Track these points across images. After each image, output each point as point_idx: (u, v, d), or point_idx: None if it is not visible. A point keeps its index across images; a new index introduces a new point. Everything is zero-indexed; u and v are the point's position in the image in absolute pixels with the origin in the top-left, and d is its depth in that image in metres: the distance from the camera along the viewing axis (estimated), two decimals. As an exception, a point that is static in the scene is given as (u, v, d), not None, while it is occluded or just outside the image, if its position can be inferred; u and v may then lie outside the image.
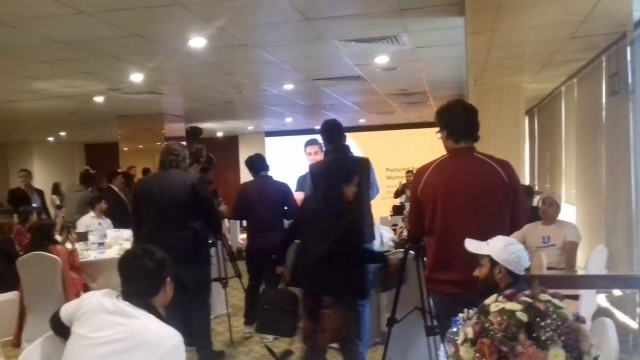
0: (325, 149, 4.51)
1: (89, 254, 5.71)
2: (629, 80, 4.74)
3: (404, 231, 5.23)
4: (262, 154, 5.63)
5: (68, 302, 2.32)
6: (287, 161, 12.61)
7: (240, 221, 8.38)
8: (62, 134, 13.90)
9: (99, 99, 8.16)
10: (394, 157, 14.59)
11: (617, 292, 4.97)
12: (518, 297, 1.76)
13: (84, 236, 6.07)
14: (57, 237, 5.49)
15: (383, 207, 10.81)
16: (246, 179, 5.95)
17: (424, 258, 3.19)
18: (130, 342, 1.97)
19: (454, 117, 2.94)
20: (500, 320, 1.68)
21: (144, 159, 10.45)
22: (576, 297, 4.22)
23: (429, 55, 6.11)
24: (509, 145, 7.39)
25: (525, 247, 2.52)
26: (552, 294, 1.78)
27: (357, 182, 3.57)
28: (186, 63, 6.04)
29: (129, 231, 6.33)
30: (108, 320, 2.02)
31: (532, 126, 10.77)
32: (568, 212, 6.73)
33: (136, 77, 6.60)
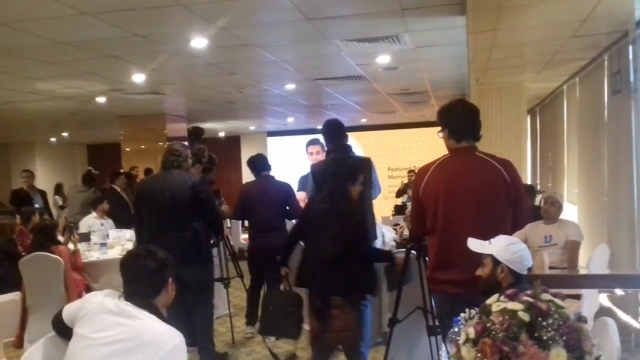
0: (327, 148, 4.52)
1: (91, 255, 5.72)
2: (631, 79, 4.73)
3: (405, 230, 5.22)
4: (263, 154, 5.63)
5: (70, 302, 2.32)
6: (289, 161, 12.62)
7: (242, 221, 8.38)
8: (65, 134, 13.92)
9: (101, 99, 8.17)
10: (395, 157, 14.58)
11: (619, 291, 4.96)
12: (520, 297, 1.76)
13: (86, 237, 6.08)
14: (60, 238, 5.50)
15: (385, 206, 10.80)
16: (248, 179, 5.95)
17: (426, 258, 3.19)
18: (132, 342, 1.97)
19: (456, 116, 2.94)
20: (501, 320, 1.68)
21: (146, 160, 10.47)
22: (578, 296, 4.22)
23: (430, 54, 6.11)
24: (510, 145, 7.38)
25: (527, 246, 2.52)
26: (554, 294, 1.78)
27: (363, 181, 3.59)
28: (188, 63, 6.04)
29: (131, 231, 6.34)
30: (110, 320, 2.03)
31: (534, 125, 10.75)
32: (570, 212, 6.72)
33: (138, 78, 6.61)
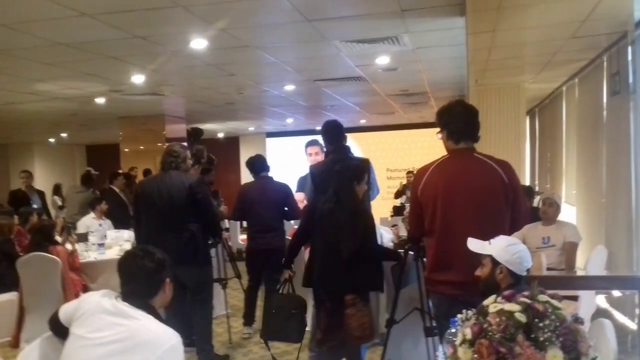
0: (325, 149, 4.52)
1: (89, 255, 5.72)
2: (630, 80, 4.73)
3: (401, 231, 5.22)
4: (262, 155, 5.63)
5: (67, 302, 2.32)
6: (288, 162, 12.62)
7: (241, 222, 8.38)
8: (64, 135, 13.91)
9: (100, 100, 8.17)
10: (394, 158, 14.58)
11: (617, 293, 4.96)
12: (517, 298, 1.76)
13: (84, 237, 6.07)
14: (58, 238, 5.50)
15: (383, 207, 10.81)
16: (247, 180, 5.95)
17: (424, 259, 3.19)
18: (129, 342, 1.96)
19: (454, 117, 2.94)
20: (498, 321, 1.68)
21: (145, 160, 10.47)
22: (575, 298, 4.22)
23: (430, 55, 6.11)
24: (509, 146, 7.38)
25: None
26: (551, 295, 1.78)
27: (367, 180, 3.64)
28: (187, 64, 6.04)
29: (129, 232, 6.34)
30: (107, 320, 2.02)
31: (533, 126, 10.75)
32: (568, 213, 6.72)
33: (138, 79, 6.61)
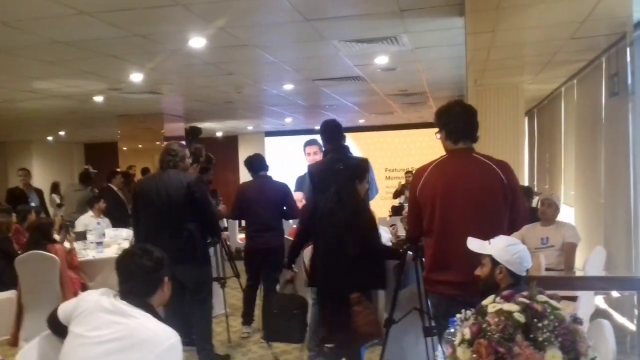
0: (324, 149, 4.52)
1: (87, 253, 5.71)
2: (629, 81, 4.74)
3: (399, 230, 5.22)
4: (261, 154, 5.63)
5: (66, 301, 2.32)
6: (286, 161, 12.62)
7: (239, 221, 8.38)
8: (62, 133, 13.89)
9: (98, 98, 8.16)
10: (393, 158, 14.59)
11: (616, 293, 4.97)
12: (516, 298, 1.76)
13: (82, 235, 6.07)
14: (56, 236, 5.49)
15: (382, 207, 10.81)
16: (245, 179, 5.94)
17: (422, 259, 3.19)
18: (127, 341, 1.96)
19: (453, 117, 2.94)
20: (497, 321, 1.68)
21: (143, 159, 10.46)
22: (574, 298, 4.23)
23: (428, 55, 6.11)
24: (508, 146, 7.38)
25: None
26: (550, 295, 1.78)
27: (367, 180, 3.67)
28: (186, 63, 6.03)
29: (127, 230, 6.33)
30: (105, 319, 2.02)
31: (532, 127, 10.76)
32: (567, 213, 6.72)
33: (136, 77, 6.60)
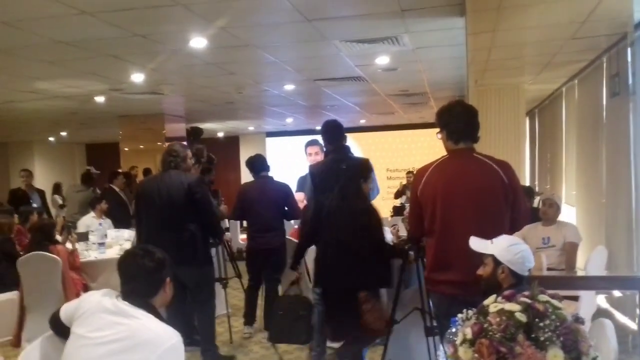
0: (325, 149, 4.53)
1: (89, 254, 5.72)
2: (630, 81, 4.74)
3: (400, 230, 5.22)
4: (262, 155, 5.64)
5: (68, 302, 2.32)
6: (287, 162, 12.61)
7: (241, 221, 8.38)
8: (63, 133, 13.90)
9: (100, 99, 8.17)
10: (394, 158, 14.59)
11: (617, 293, 4.97)
12: (517, 298, 1.76)
13: (84, 236, 6.07)
14: (58, 237, 5.50)
15: (383, 207, 10.77)
16: (247, 180, 5.95)
17: (424, 259, 3.19)
18: (129, 342, 1.97)
19: (454, 117, 2.94)
20: (499, 321, 1.68)
21: (144, 159, 10.46)
22: (576, 298, 4.23)
23: (429, 56, 6.11)
24: (509, 146, 7.38)
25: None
26: (552, 295, 1.78)
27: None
28: (187, 63, 6.04)
29: (129, 231, 6.34)
30: (107, 320, 2.03)
31: (533, 127, 10.76)
32: (568, 213, 6.72)
33: (137, 78, 6.61)
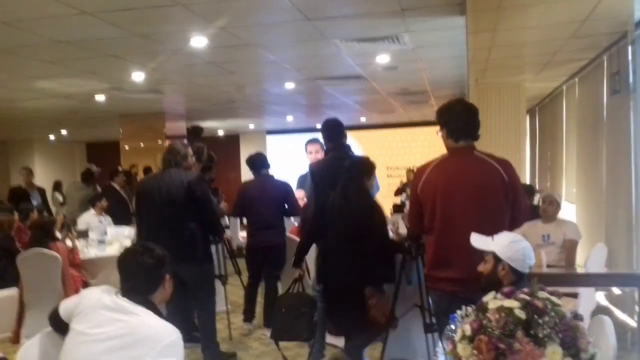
0: (325, 147, 4.53)
1: (89, 251, 5.73)
2: (630, 79, 4.74)
3: (400, 228, 5.22)
4: (263, 153, 5.64)
5: (67, 298, 2.33)
6: (288, 160, 12.61)
7: (240, 219, 8.39)
8: (64, 132, 13.90)
9: (100, 98, 8.17)
10: (394, 156, 14.59)
11: (616, 290, 4.98)
12: (516, 295, 1.77)
13: (84, 234, 6.08)
14: (58, 235, 5.51)
15: (383, 205, 10.78)
16: (247, 178, 5.95)
17: (423, 256, 3.20)
18: (129, 338, 1.97)
19: (454, 116, 2.95)
20: (498, 318, 1.69)
21: (145, 158, 10.48)
22: (575, 295, 4.24)
23: (430, 54, 6.11)
24: (509, 144, 7.38)
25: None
26: (551, 292, 1.79)
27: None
28: (188, 63, 6.04)
29: (129, 228, 6.35)
30: (107, 316, 2.03)
31: (533, 125, 10.76)
32: (568, 211, 6.73)
33: (138, 77, 6.60)
